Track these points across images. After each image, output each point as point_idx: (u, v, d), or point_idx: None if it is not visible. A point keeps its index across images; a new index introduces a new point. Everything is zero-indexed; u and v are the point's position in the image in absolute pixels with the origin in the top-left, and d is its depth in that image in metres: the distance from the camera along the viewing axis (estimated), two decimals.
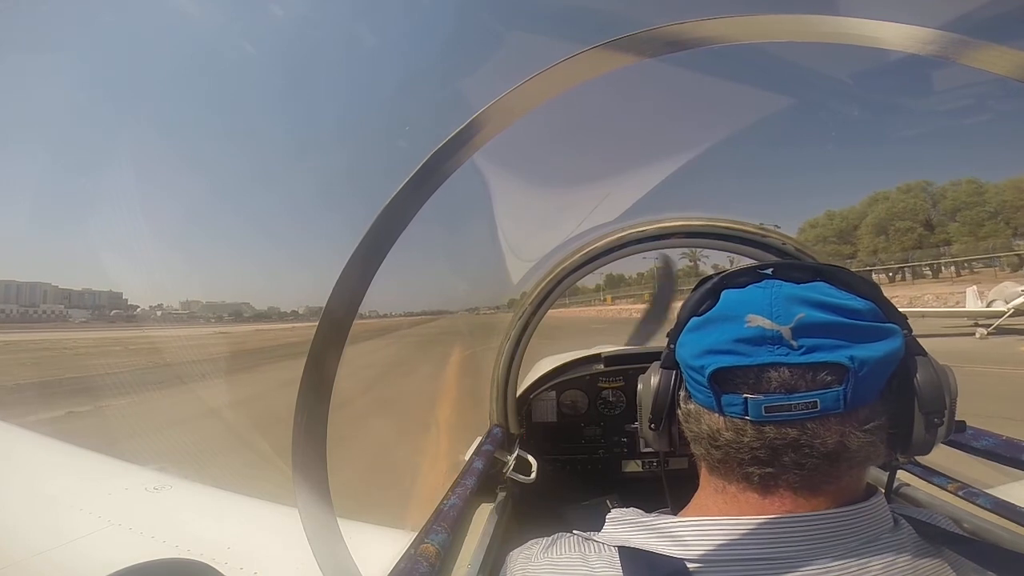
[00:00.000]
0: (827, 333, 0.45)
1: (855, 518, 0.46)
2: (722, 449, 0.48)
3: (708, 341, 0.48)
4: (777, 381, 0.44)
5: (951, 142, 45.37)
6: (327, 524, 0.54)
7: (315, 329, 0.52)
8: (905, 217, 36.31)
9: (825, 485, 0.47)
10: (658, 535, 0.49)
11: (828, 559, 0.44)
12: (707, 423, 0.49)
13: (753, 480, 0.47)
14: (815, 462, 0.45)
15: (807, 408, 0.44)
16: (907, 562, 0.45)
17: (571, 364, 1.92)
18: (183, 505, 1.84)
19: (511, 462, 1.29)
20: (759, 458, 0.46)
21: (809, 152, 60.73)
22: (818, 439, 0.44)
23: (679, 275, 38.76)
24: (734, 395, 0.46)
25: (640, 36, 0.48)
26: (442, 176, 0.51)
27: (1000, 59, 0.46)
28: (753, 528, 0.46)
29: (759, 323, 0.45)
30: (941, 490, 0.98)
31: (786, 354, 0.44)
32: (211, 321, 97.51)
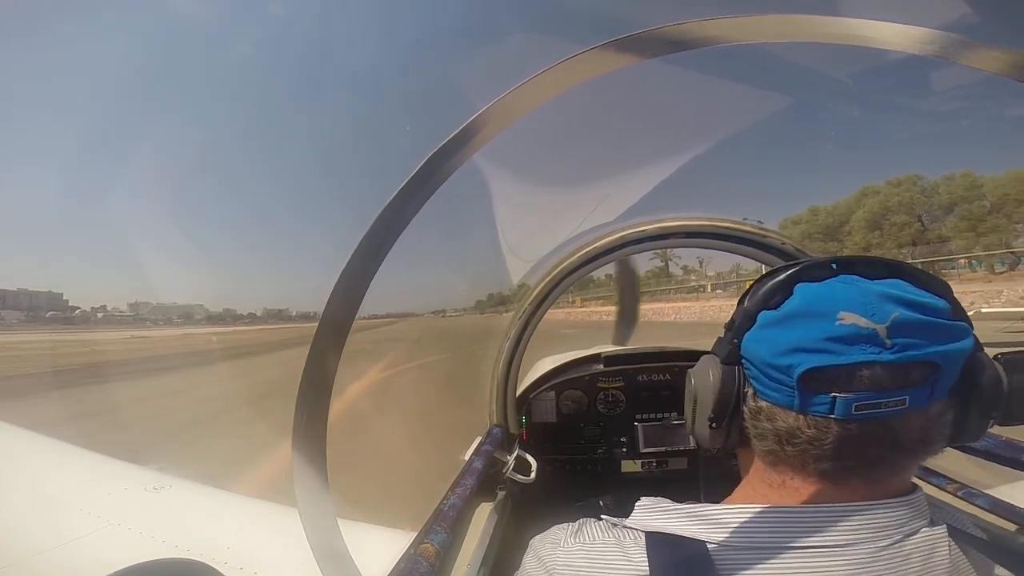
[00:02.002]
0: (919, 332, 0.45)
1: (901, 509, 0.47)
2: (799, 446, 0.47)
3: (794, 338, 0.47)
4: (869, 380, 0.44)
5: (942, 137, 44.71)
6: (327, 524, 0.54)
7: (315, 329, 0.52)
8: (900, 211, 34.94)
9: (894, 477, 0.48)
10: (700, 521, 0.49)
11: (872, 549, 0.44)
12: (783, 421, 0.48)
13: (828, 475, 0.47)
14: (896, 456, 0.46)
15: (896, 406, 0.44)
16: (943, 559, 0.45)
17: (571, 364, 1.92)
18: (183, 505, 1.84)
19: (511, 462, 1.29)
20: (841, 453, 0.46)
21: (806, 150, 60.65)
22: (901, 434, 0.45)
23: (648, 275, 37.57)
24: (822, 395, 0.45)
25: (640, 36, 0.48)
26: (442, 176, 0.51)
27: (999, 59, 0.46)
28: (796, 516, 0.46)
29: (853, 321, 0.45)
30: (940, 491, 0.98)
31: (879, 352, 0.44)
32: (159, 324, 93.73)
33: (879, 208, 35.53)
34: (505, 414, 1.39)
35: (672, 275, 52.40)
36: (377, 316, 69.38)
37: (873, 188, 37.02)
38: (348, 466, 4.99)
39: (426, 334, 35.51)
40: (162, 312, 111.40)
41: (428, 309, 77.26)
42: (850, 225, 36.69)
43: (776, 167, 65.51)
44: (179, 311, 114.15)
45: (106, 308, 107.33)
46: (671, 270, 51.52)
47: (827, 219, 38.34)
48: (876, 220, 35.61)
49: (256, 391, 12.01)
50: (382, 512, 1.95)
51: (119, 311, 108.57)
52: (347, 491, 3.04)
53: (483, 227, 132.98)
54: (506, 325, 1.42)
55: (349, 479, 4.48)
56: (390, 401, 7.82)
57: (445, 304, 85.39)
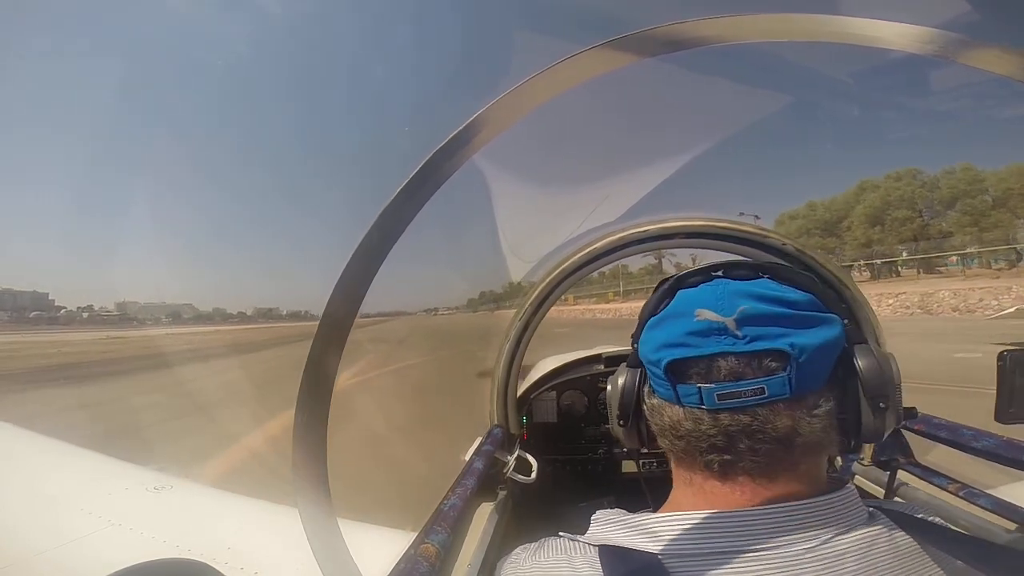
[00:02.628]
0: (768, 322, 0.48)
1: (826, 508, 0.47)
2: (684, 439, 0.51)
3: (663, 336, 0.52)
4: (726, 369, 0.48)
5: (939, 133, 44.05)
6: (327, 524, 0.54)
7: (316, 329, 0.52)
8: (901, 206, 34.14)
9: (782, 472, 0.49)
10: (636, 532, 0.51)
11: (802, 549, 0.45)
12: (669, 415, 0.52)
13: (713, 468, 0.50)
14: (768, 447, 0.47)
15: (755, 394, 0.46)
16: (884, 552, 0.45)
17: (571, 364, 1.92)
18: (183, 505, 1.84)
19: (511, 462, 1.29)
20: (717, 445, 0.48)
21: (803, 148, 60.52)
22: (769, 424, 0.47)
23: (642, 272, 37.30)
24: (689, 385, 0.49)
25: (640, 36, 0.48)
26: (442, 176, 0.51)
27: (1000, 59, 0.46)
28: (723, 520, 0.47)
29: (706, 316, 0.49)
30: (941, 490, 0.98)
31: (732, 344, 0.48)
32: (146, 324, 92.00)
33: (880, 202, 34.78)
34: (506, 414, 1.39)
35: (665, 272, 52.31)
36: (367, 315, 68.49)
37: (872, 183, 36.46)
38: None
39: (414, 334, 34.51)
40: (150, 312, 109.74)
41: (420, 307, 76.86)
42: (850, 220, 35.99)
43: (774, 165, 65.47)
44: (167, 310, 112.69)
45: (92, 308, 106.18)
46: (664, 268, 51.37)
47: (825, 214, 37.73)
48: (877, 215, 34.86)
49: (205, 399, 11.38)
50: (378, 513, 1.95)
51: (106, 311, 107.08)
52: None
53: (478, 226, 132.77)
54: (505, 324, 1.42)
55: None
56: (347, 414, 7.48)
57: (438, 303, 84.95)
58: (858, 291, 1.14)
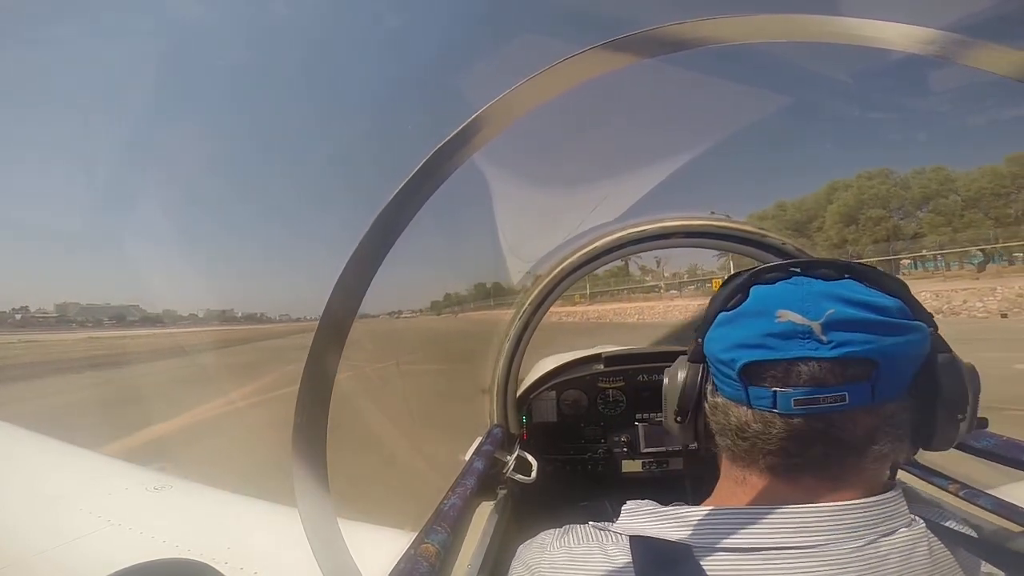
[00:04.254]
0: (856, 328, 0.45)
1: (872, 510, 0.46)
2: (749, 440, 0.49)
3: (738, 335, 0.49)
4: (807, 375, 0.45)
5: (915, 131, 43.47)
6: (327, 524, 0.54)
7: (315, 329, 0.52)
8: (875, 205, 33.52)
9: (850, 477, 0.48)
10: (674, 523, 0.50)
11: (849, 548, 0.44)
12: (735, 416, 0.50)
13: (778, 471, 0.48)
14: (842, 454, 0.46)
15: (836, 401, 0.45)
16: (923, 557, 0.45)
17: (571, 364, 1.92)
18: (183, 505, 1.84)
19: (511, 462, 1.29)
20: (787, 450, 0.47)
21: (804, 148, 60.35)
22: (846, 432, 0.46)
23: (608, 275, 36.06)
24: (763, 388, 0.47)
25: (640, 36, 0.48)
26: (442, 176, 0.51)
27: (1000, 59, 0.46)
28: (769, 517, 0.46)
29: (789, 318, 0.46)
30: (941, 491, 0.98)
31: (816, 348, 0.45)
32: (85, 325, 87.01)
33: (854, 201, 34.17)
34: (505, 414, 1.39)
35: (632, 275, 51.55)
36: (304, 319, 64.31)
37: (843, 182, 35.87)
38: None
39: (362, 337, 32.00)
40: (91, 313, 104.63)
41: (384, 310, 75.57)
42: (823, 220, 35.49)
43: (774, 165, 65.33)
44: (111, 312, 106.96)
45: (28, 309, 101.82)
46: (631, 270, 50.89)
47: (795, 214, 37.08)
48: (851, 214, 34.30)
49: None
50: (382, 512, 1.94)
51: (43, 312, 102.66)
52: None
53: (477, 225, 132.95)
54: (504, 325, 1.42)
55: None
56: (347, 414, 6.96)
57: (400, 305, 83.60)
58: None
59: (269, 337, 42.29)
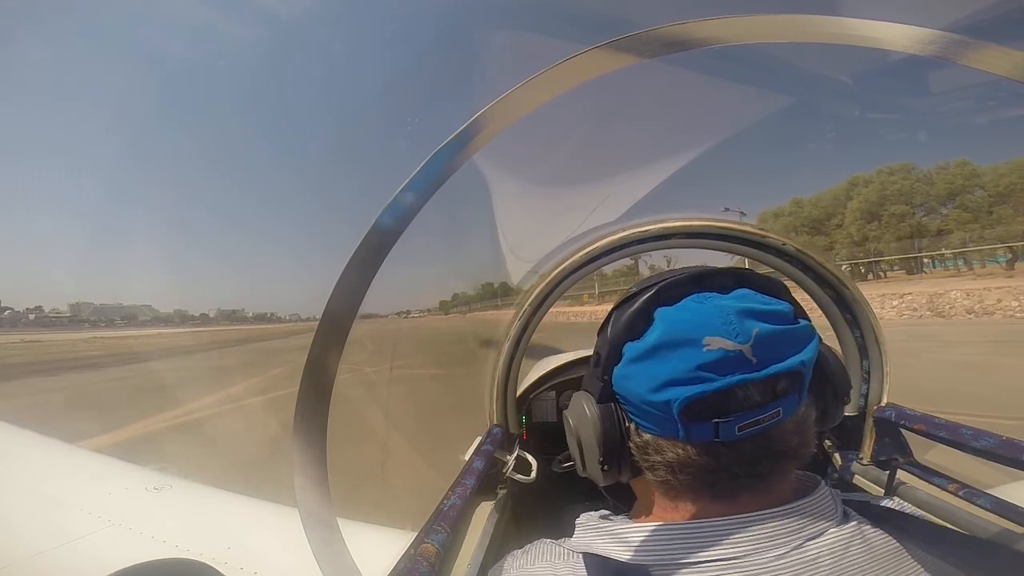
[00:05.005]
0: (778, 344, 0.46)
1: (792, 515, 0.47)
2: (691, 474, 0.47)
3: (665, 372, 0.46)
4: (745, 400, 0.45)
5: (930, 130, 42.42)
6: (327, 524, 0.54)
7: (315, 329, 0.52)
8: (898, 201, 30.92)
9: (779, 484, 0.49)
10: (614, 540, 0.50)
11: (768, 558, 0.44)
12: (671, 453, 0.47)
13: (721, 495, 0.48)
14: (782, 464, 0.48)
15: (773, 418, 0.45)
16: (859, 555, 0.45)
17: (571, 364, 1.92)
18: (183, 505, 1.84)
19: (511, 462, 1.29)
20: (736, 473, 0.47)
21: (803, 148, 60.08)
22: (783, 443, 0.47)
23: (617, 274, 35.55)
24: (703, 423, 0.45)
25: (640, 36, 0.48)
26: (442, 176, 0.51)
27: (1000, 59, 0.46)
28: (703, 531, 0.47)
29: (720, 344, 0.44)
30: (941, 490, 0.98)
31: (748, 372, 0.44)
32: (99, 325, 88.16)
33: (876, 197, 31.55)
34: (505, 414, 1.39)
35: (642, 274, 51.23)
36: (314, 319, 64.26)
37: (864, 178, 33.20)
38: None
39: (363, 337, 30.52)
40: (104, 313, 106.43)
41: (393, 310, 76.00)
42: (843, 216, 33.04)
43: (774, 165, 65.24)
44: (123, 312, 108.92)
45: (42, 310, 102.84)
46: (640, 269, 50.80)
47: (813, 211, 34.51)
48: (873, 210, 31.68)
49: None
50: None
51: (58, 312, 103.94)
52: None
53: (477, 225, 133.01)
54: (504, 325, 1.42)
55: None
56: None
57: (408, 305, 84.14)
58: (858, 292, 1.14)
59: (269, 337, 41.99)
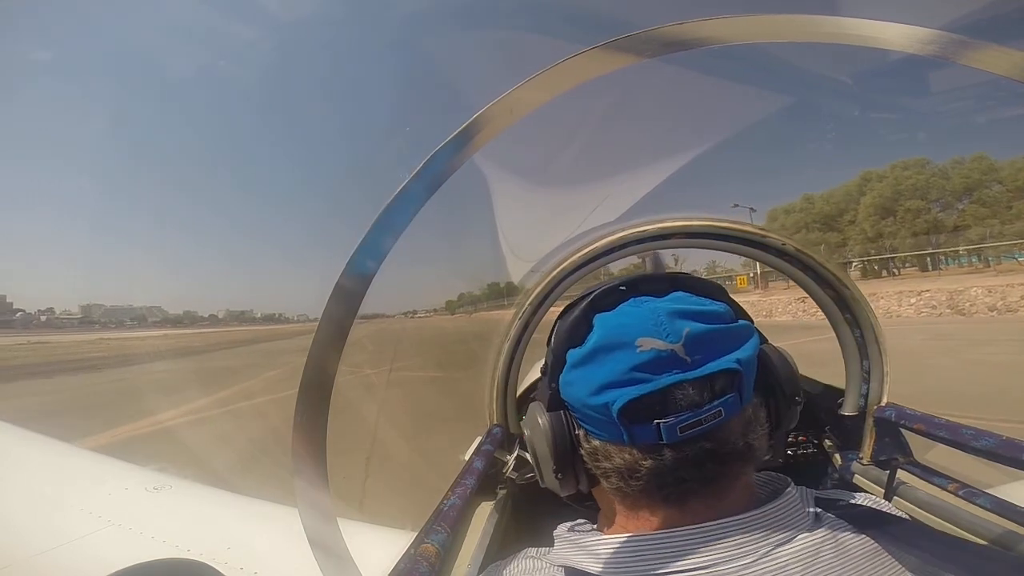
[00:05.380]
0: (712, 343, 0.46)
1: (758, 521, 0.46)
2: (641, 479, 0.47)
3: (602, 375, 0.46)
4: (684, 399, 0.45)
5: (942, 126, 41.46)
6: (327, 524, 0.54)
7: (315, 329, 0.52)
8: (913, 196, 29.70)
9: (731, 489, 0.48)
10: (587, 554, 0.50)
11: (737, 566, 0.43)
12: (619, 458, 0.47)
13: (671, 499, 0.47)
14: (729, 465, 0.47)
15: (714, 418, 0.45)
16: (830, 559, 0.44)
17: None
18: (183, 505, 1.84)
19: (511, 462, 1.29)
20: (681, 476, 0.46)
21: (803, 148, 59.81)
22: (728, 445, 0.46)
23: (623, 273, 37.35)
24: (645, 425, 0.45)
25: (640, 36, 0.48)
26: (442, 176, 0.51)
27: (1000, 59, 0.46)
28: (669, 542, 0.46)
29: (652, 345, 0.45)
30: (941, 490, 0.98)
31: (683, 372, 0.45)
32: (108, 327, 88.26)
33: (890, 192, 30.40)
34: (505, 414, 1.39)
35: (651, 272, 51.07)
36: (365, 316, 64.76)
37: (877, 173, 32.06)
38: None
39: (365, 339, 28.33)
40: (114, 315, 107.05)
41: (400, 310, 76.66)
42: (856, 212, 32.00)
43: (774, 165, 65.09)
44: (134, 314, 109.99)
45: (53, 311, 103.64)
46: (648, 268, 50.67)
47: (824, 207, 33.55)
48: (887, 206, 30.53)
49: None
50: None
51: (69, 313, 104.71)
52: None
53: (477, 225, 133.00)
54: (504, 325, 1.42)
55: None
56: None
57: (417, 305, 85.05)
58: (857, 290, 1.14)
59: (274, 338, 41.88)
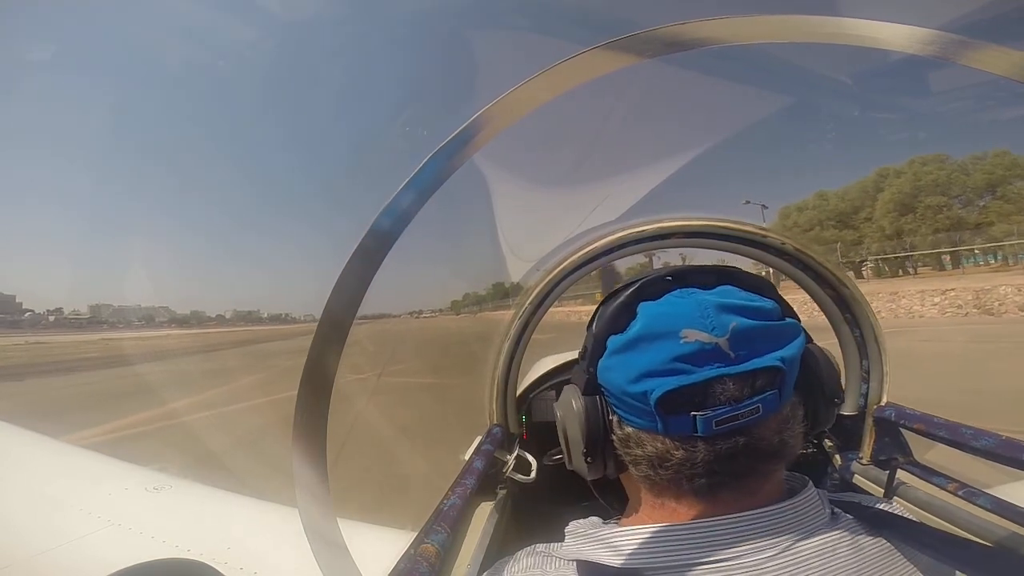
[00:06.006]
0: (758, 339, 0.46)
1: (782, 515, 0.46)
2: (671, 469, 0.47)
3: (643, 363, 0.47)
4: (723, 394, 0.45)
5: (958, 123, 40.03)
6: (327, 524, 0.54)
7: (315, 329, 0.52)
8: (934, 192, 28.63)
9: (764, 485, 0.48)
10: (605, 546, 0.50)
11: (763, 558, 0.44)
12: (651, 446, 0.48)
13: (702, 492, 0.47)
14: (761, 462, 0.47)
15: (752, 414, 0.45)
16: (848, 557, 0.45)
17: (571, 363, 1.92)
18: (183, 505, 1.84)
19: (511, 462, 1.29)
20: (713, 469, 0.46)
21: (804, 148, 59.62)
22: (764, 441, 0.46)
23: (632, 272, 37.14)
24: (681, 416, 0.45)
25: (640, 36, 0.48)
26: (442, 176, 0.51)
27: (1000, 59, 0.46)
28: (691, 534, 0.46)
29: (696, 337, 0.45)
30: (941, 490, 0.98)
31: (726, 365, 0.45)
32: (117, 326, 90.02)
33: (910, 188, 29.24)
34: (505, 414, 1.39)
35: (657, 271, 50.93)
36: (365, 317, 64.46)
37: (893, 169, 31.02)
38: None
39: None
40: (122, 315, 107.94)
41: (405, 310, 77.27)
42: (873, 209, 30.85)
43: (774, 165, 64.89)
44: (141, 313, 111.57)
45: (62, 311, 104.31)
46: (655, 266, 50.39)
47: (839, 204, 32.32)
48: (907, 202, 29.37)
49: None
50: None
51: (77, 313, 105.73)
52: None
53: (477, 225, 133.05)
54: (504, 324, 1.42)
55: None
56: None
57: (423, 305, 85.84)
58: (856, 289, 1.14)
59: (274, 339, 41.74)
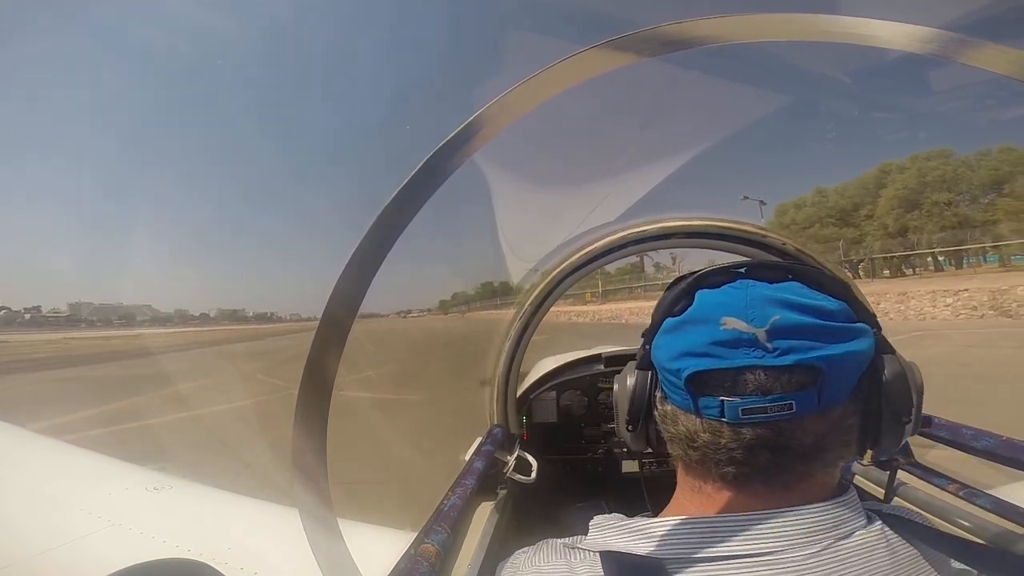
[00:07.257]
0: (801, 335, 0.45)
1: (828, 514, 0.46)
2: (699, 450, 0.48)
3: (684, 343, 0.48)
4: (753, 384, 0.45)
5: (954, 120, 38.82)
6: (327, 524, 0.54)
7: (315, 329, 0.52)
8: (940, 188, 27.47)
9: (799, 483, 0.47)
10: (639, 536, 0.50)
11: (804, 555, 0.44)
12: (684, 424, 0.49)
13: (728, 479, 0.48)
14: (790, 462, 0.46)
15: (783, 410, 0.44)
16: (884, 558, 0.45)
17: (571, 364, 1.92)
18: (183, 505, 1.84)
19: (511, 462, 1.29)
20: (736, 459, 0.46)
21: (804, 148, 59.29)
22: (794, 440, 0.45)
23: (622, 272, 33.98)
24: (711, 398, 0.46)
25: (640, 35, 0.48)
26: (442, 176, 0.51)
27: (1000, 59, 0.46)
28: (728, 525, 0.46)
29: (734, 325, 0.46)
30: (941, 491, 0.98)
31: (761, 356, 0.45)
32: (95, 325, 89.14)
33: (915, 184, 28.13)
34: (506, 414, 1.39)
35: (646, 273, 49.67)
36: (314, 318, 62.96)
37: (897, 164, 29.81)
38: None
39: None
40: (103, 313, 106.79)
41: (393, 309, 76.74)
42: (874, 206, 29.75)
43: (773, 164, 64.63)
44: (123, 312, 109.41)
45: (39, 310, 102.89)
46: (645, 268, 49.91)
47: (839, 201, 31.11)
48: (912, 198, 28.23)
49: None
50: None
51: (57, 312, 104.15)
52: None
53: (477, 225, 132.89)
54: (505, 325, 1.42)
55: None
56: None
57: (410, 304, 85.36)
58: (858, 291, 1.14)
59: (252, 338, 41.36)
